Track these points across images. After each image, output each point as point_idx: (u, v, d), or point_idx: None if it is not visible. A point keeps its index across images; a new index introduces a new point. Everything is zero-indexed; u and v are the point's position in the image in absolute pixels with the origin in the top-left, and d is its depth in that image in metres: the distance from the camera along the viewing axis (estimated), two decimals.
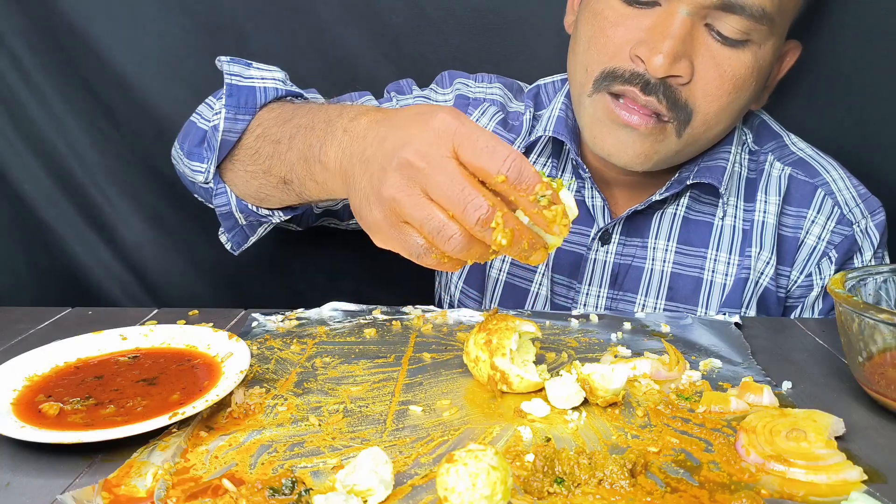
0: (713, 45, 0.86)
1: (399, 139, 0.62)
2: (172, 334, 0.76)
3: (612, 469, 0.54)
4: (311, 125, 0.76)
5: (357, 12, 1.13)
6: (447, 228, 0.60)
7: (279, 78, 0.91)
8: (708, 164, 0.95)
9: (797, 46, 0.96)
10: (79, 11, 1.11)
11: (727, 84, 0.87)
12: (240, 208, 0.90)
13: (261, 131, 0.85)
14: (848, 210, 0.96)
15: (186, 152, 0.91)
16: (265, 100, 0.88)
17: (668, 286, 0.97)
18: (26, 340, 0.81)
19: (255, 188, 0.86)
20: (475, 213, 0.59)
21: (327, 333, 0.83)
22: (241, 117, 0.86)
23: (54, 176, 1.16)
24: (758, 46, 0.87)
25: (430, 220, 0.60)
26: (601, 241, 0.98)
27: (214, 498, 0.53)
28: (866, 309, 0.62)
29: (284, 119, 0.82)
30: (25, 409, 0.63)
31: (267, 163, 0.82)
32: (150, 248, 1.20)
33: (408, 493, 0.54)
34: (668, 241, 0.97)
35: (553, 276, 1.00)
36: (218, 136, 0.85)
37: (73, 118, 1.15)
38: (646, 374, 0.71)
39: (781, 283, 0.97)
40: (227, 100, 0.86)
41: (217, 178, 0.89)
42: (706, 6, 0.83)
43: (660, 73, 0.84)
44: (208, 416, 0.64)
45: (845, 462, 0.55)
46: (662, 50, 0.83)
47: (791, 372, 0.73)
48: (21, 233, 1.18)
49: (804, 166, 0.98)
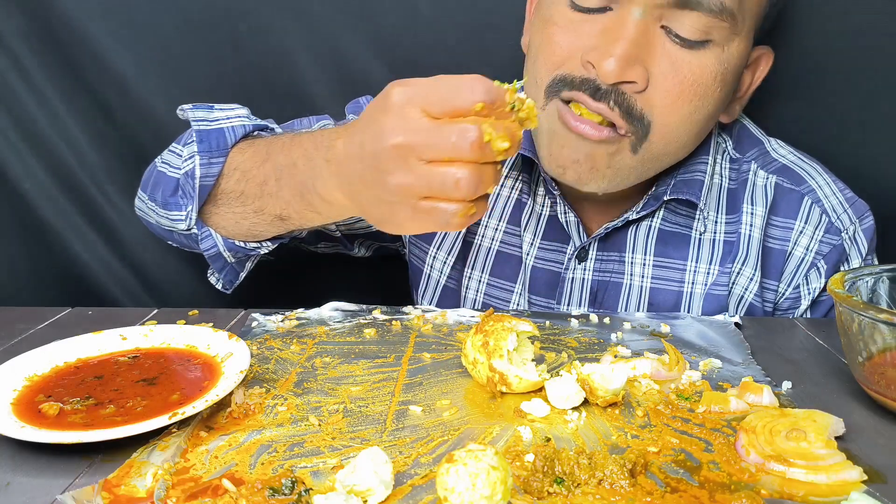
0: (671, 48, 0.81)
1: (374, 134, 0.63)
2: (172, 334, 0.76)
3: (612, 469, 0.54)
4: (292, 164, 0.77)
5: (351, 12, 1.13)
6: (450, 173, 0.60)
7: (243, 115, 0.91)
8: (684, 177, 0.92)
9: (769, 53, 0.92)
10: (77, 11, 1.11)
11: (688, 90, 0.81)
12: (228, 247, 0.90)
13: (240, 175, 0.84)
14: (836, 217, 0.93)
15: (161, 203, 0.90)
16: (235, 139, 0.87)
17: (649, 301, 0.94)
18: (26, 340, 0.81)
19: (247, 227, 0.86)
20: (465, 140, 0.59)
21: (327, 333, 0.83)
22: (216, 160, 0.85)
23: (54, 175, 1.16)
24: (720, 49, 0.82)
25: (433, 179, 0.60)
26: (578, 259, 0.96)
27: (214, 498, 0.53)
28: (866, 309, 0.62)
29: (261, 158, 0.82)
30: (25, 409, 0.63)
31: (257, 203, 0.82)
32: (151, 247, 1.20)
33: (408, 493, 0.54)
34: (644, 254, 0.94)
35: (530, 298, 0.98)
36: (196, 183, 0.85)
37: (72, 118, 1.15)
38: (646, 374, 0.71)
39: (768, 296, 0.94)
40: (198, 146, 0.85)
41: (199, 222, 0.88)
42: (660, 4, 0.79)
43: (611, 78, 0.79)
44: (208, 416, 0.64)
45: (845, 462, 0.55)
46: (614, 53, 0.78)
47: (791, 372, 0.73)
48: (21, 232, 1.18)
49: (789, 173, 0.95)
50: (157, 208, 0.91)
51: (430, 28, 1.14)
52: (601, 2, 0.81)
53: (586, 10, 0.82)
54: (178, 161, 0.89)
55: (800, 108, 1.09)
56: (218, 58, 1.14)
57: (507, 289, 0.99)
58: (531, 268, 0.98)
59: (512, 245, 0.99)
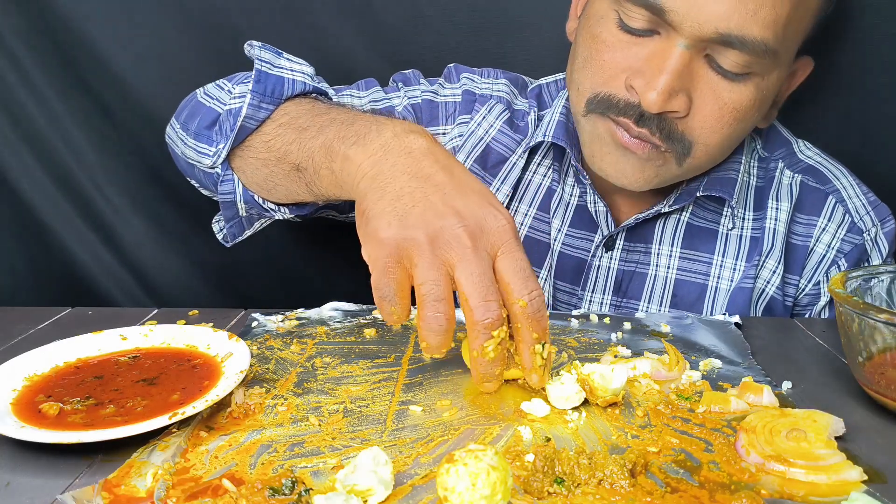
0: (713, 79, 0.82)
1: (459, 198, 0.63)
2: (172, 334, 0.76)
3: (612, 469, 0.54)
4: (351, 121, 0.73)
5: (353, 11, 1.13)
6: (442, 305, 0.61)
7: (308, 73, 0.88)
8: (718, 175, 0.94)
9: (808, 63, 0.93)
10: (75, 11, 1.11)
11: (727, 116, 0.84)
12: (245, 199, 0.87)
13: (286, 120, 0.81)
14: (859, 218, 0.95)
15: (194, 133, 0.88)
16: (292, 92, 0.84)
17: (672, 293, 0.96)
18: (26, 340, 0.81)
19: (264, 176, 0.83)
20: (487, 313, 0.61)
21: (327, 333, 0.83)
22: (266, 106, 0.83)
23: (53, 176, 1.16)
24: (761, 78, 0.84)
25: (437, 287, 0.61)
26: (605, 248, 0.97)
27: (214, 498, 0.53)
28: (866, 309, 0.62)
29: (318, 112, 0.79)
30: (25, 409, 0.63)
31: (284, 149, 0.79)
32: (150, 247, 1.20)
33: (408, 493, 0.53)
34: (672, 247, 0.96)
35: (555, 283, 0.99)
36: (238, 121, 0.82)
37: (71, 118, 1.15)
38: (646, 374, 0.71)
39: (789, 291, 0.96)
40: (254, 85, 0.82)
41: (225, 163, 0.85)
42: (705, 39, 0.80)
43: (654, 108, 0.81)
44: (208, 416, 0.64)
45: (845, 462, 0.55)
46: (657, 87, 0.80)
47: (791, 372, 0.73)
48: (21, 233, 1.18)
49: (814, 173, 0.97)
50: (187, 137, 0.89)
51: (432, 28, 1.14)
52: (648, 24, 0.82)
53: (634, 30, 0.83)
54: (225, 97, 0.87)
55: (825, 112, 1.09)
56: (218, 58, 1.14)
57: None
58: (558, 253, 0.99)
59: (541, 231, 1.00)
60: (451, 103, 1.01)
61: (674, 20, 0.79)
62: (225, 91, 0.89)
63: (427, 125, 1.00)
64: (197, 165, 0.89)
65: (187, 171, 0.94)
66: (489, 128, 1.00)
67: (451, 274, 0.61)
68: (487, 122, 1.00)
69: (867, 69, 1.07)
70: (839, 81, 1.08)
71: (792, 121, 1.04)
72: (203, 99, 0.90)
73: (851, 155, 1.03)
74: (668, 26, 0.80)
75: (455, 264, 0.61)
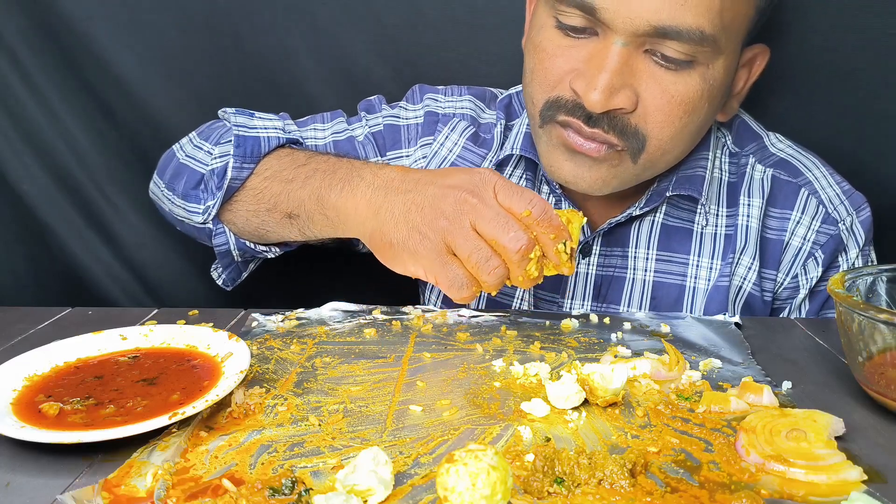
0: (656, 71, 0.82)
1: (445, 180, 0.72)
2: (172, 334, 0.76)
3: (612, 469, 0.54)
4: (332, 170, 0.82)
5: (354, 13, 1.13)
6: (493, 259, 0.70)
7: (279, 126, 0.95)
8: (686, 173, 0.94)
9: (765, 51, 0.93)
10: (77, 11, 1.11)
11: (676, 109, 0.83)
12: (238, 246, 0.93)
13: (270, 174, 0.88)
14: (833, 208, 0.94)
15: (181, 194, 0.93)
16: (269, 148, 0.91)
17: (651, 295, 0.96)
18: (26, 340, 0.81)
19: (256, 225, 0.89)
20: (517, 244, 0.69)
21: (327, 333, 0.83)
22: (248, 165, 0.89)
23: (54, 176, 1.16)
24: (705, 67, 0.82)
25: (478, 251, 0.70)
26: (582, 254, 0.97)
27: (214, 498, 0.53)
28: (866, 309, 0.62)
29: (299, 163, 0.86)
30: (25, 409, 0.63)
31: (273, 200, 0.86)
32: (151, 247, 1.20)
33: (408, 493, 0.54)
34: (648, 249, 0.96)
35: (535, 292, 0.99)
36: (225, 183, 0.88)
37: (72, 118, 1.15)
38: (646, 374, 0.71)
39: (766, 286, 0.95)
40: (234, 149, 0.89)
41: (215, 218, 0.92)
42: (640, 34, 0.79)
43: (598, 108, 0.81)
44: (208, 416, 0.64)
45: (845, 462, 0.55)
46: (598, 86, 0.80)
47: (791, 372, 0.73)
48: (21, 233, 1.18)
49: (786, 166, 0.97)
50: (174, 197, 0.94)
51: (432, 28, 1.14)
52: (584, 23, 0.82)
53: (571, 28, 0.83)
54: (206, 157, 0.93)
55: (800, 104, 1.09)
56: (219, 58, 1.14)
57: None
58: None
59: None
60: (413, 126, 1.02)
61: (606, 18, 0.79)
62: (205, 152, 0.94)
63: (390, 149, 1.01)
64: (187, 222, 0.95)
65: (175, 224, 0.99)
66: (453, 146, 1.00)
67: (479, 233, 0.70)
68: (451, 141, 1.00)
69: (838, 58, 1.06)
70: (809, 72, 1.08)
71: (763, 114, 1.04)
72: (185, 161, 0.95)
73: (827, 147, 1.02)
74: (603, 25, 0.80)
75: (475, 222, 0.70)
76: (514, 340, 0.81)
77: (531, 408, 0.65)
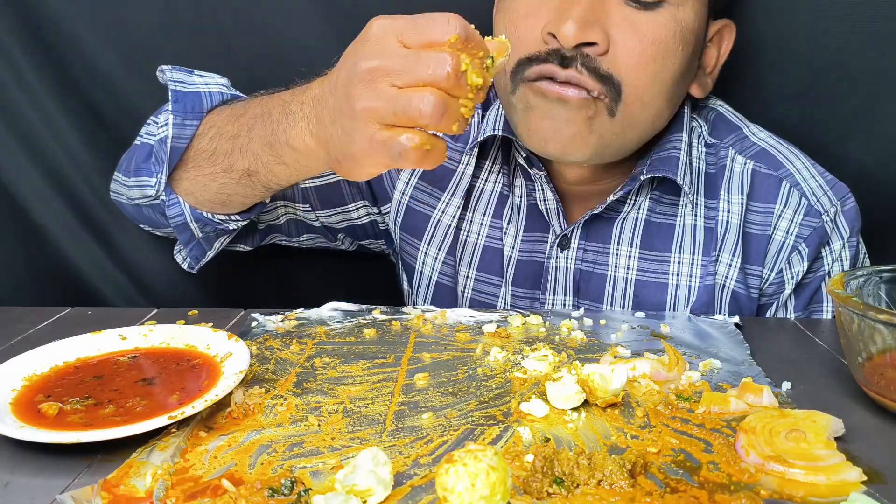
0: (627, 11, 0.82)
1: (349, 64, 0.64)
2: (172, 334, 0.76)
3: (611, 469, 0.54)
4: (267, 113, 0.77)
5: (342, 11, 1.12)
6: (417, 95, 0.60)
7: (223, 83, 0.92)
8: (659, 155, 0.92)
9: (730, 25, 0.93)
10: (65, 11, 1.10)
11: (649, 49, 0.83)
12: (195, 217, 0.89)
13: (214, 132, 0.84)
14: (816, 200, 0.92)
15: (134, 171, 0.90)
16: (211, 104, 0.87)
17: (634, 294, 0.94)
18: (26, 340, 0.81)
19: (216, 190, 0.85)
20: (444, 67, 0.59)
21: (327, 333, 0.83)
22: (189, 122, 0.85)
23: (47, 177, 1.15)
24: (675, 8, 0.83)
25: (398, 102, 0.60)
26: (560, 248, 0.96)
27: (214, 498, 0.53)
28: (866, 310, 0.62)
29: (237, 115, 0.82)
30: (24, 408, 0.63)
31: (227, 160, 0.82)
32: (145, 249, 1.19)
33: (407, 494, 0.53)
34: (630, 246, 0.94)
35: (513, 291, 0.98)
36: (168, 145, 0.84)
37: (64, 118, 1.14)
38: (645, 374, 0.71)
39: (752, 283, 0.93)
40: (173, 105, 0.85)
41: (168, 188, 0.87)
42: None
43: (571, 41, 0.80)
44: (208, 416, 0.64)
45: (845, 463, 0.55)
46: (571, 16, 0.80)
47: (791, 372, 0.73)
48: (18, 233, 1.17)
49: (766, 158, 0.95)
50: (127, 179, 0.91)
51: None
52: None
53: None
54: (154, 129, 0.90)
55: (802, 107, 1.09)
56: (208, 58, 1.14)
57: (494, 283, 0.99)
58: (516, 261, 0.98)
59: (496, 239, 1.00)
60: None
61: None
62: (152, 125, 0.91)
63: None
64: (143, 203, 0.91)
65: (136, 215, 0.96)
66: None
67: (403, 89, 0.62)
68: None
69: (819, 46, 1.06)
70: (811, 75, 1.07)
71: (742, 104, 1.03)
72: (137, 141, 0.93)
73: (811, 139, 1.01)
74: None
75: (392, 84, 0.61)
76: (514, 341, 0.81)
77: (531, 408, 0.65)
